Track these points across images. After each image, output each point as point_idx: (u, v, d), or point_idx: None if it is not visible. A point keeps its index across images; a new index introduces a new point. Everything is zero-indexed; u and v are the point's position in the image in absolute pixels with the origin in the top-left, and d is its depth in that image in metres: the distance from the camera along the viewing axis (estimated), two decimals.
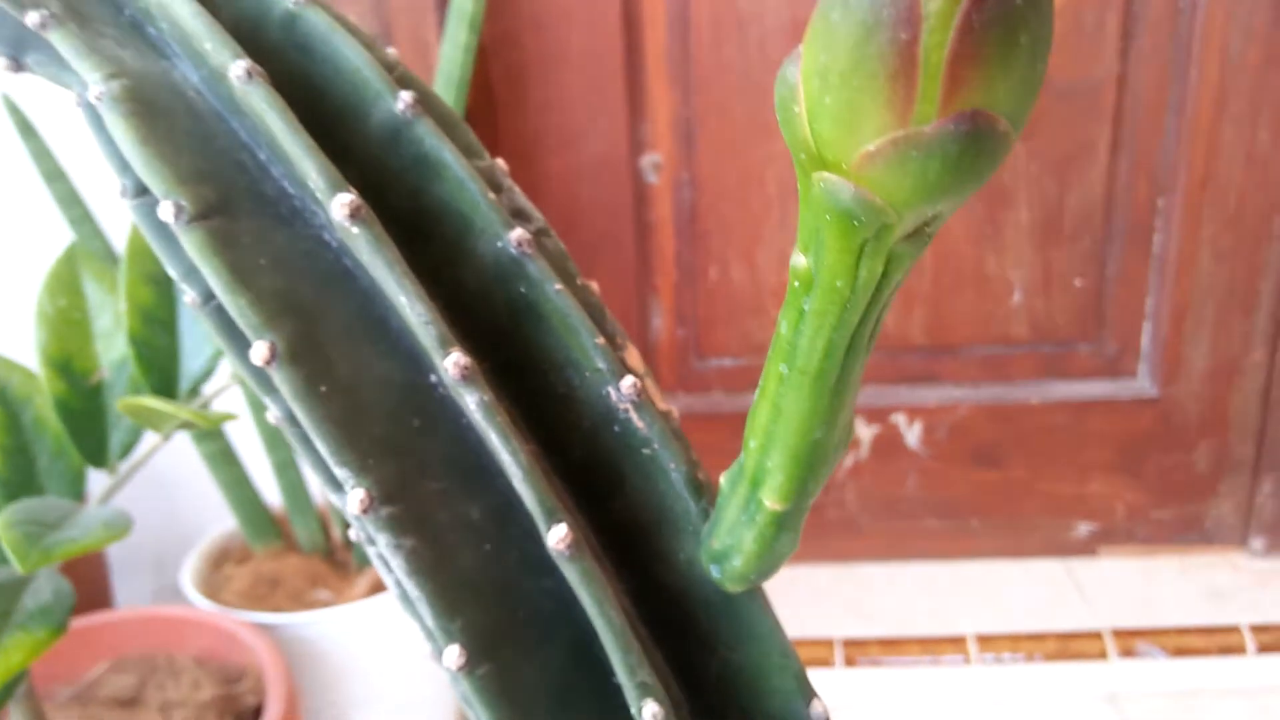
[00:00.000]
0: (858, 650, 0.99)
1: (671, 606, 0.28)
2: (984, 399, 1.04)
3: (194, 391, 0.50)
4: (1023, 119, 0.16)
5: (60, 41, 0.27)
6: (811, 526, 1.09)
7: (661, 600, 0.28)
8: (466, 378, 0.25)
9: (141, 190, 0.27)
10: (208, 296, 0.27)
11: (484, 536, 0.26)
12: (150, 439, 0.58)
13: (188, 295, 0.27)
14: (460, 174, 0.27)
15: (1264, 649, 0.96)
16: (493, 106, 0.97)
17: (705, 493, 0.27)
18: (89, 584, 0.95)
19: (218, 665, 0.78)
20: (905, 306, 1.02)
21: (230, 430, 0.85)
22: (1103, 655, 0.97)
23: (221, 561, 0.88)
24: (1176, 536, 1.07)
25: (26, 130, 0.77)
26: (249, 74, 0.26)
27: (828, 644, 1.00)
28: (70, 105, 0.28)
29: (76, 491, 0.58)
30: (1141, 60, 0.94)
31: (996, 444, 1.05)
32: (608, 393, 0.26)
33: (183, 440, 0.89)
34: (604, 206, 0.99)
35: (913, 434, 1.05)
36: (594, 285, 0.31)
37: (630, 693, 0.25)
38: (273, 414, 0.27)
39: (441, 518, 0.26)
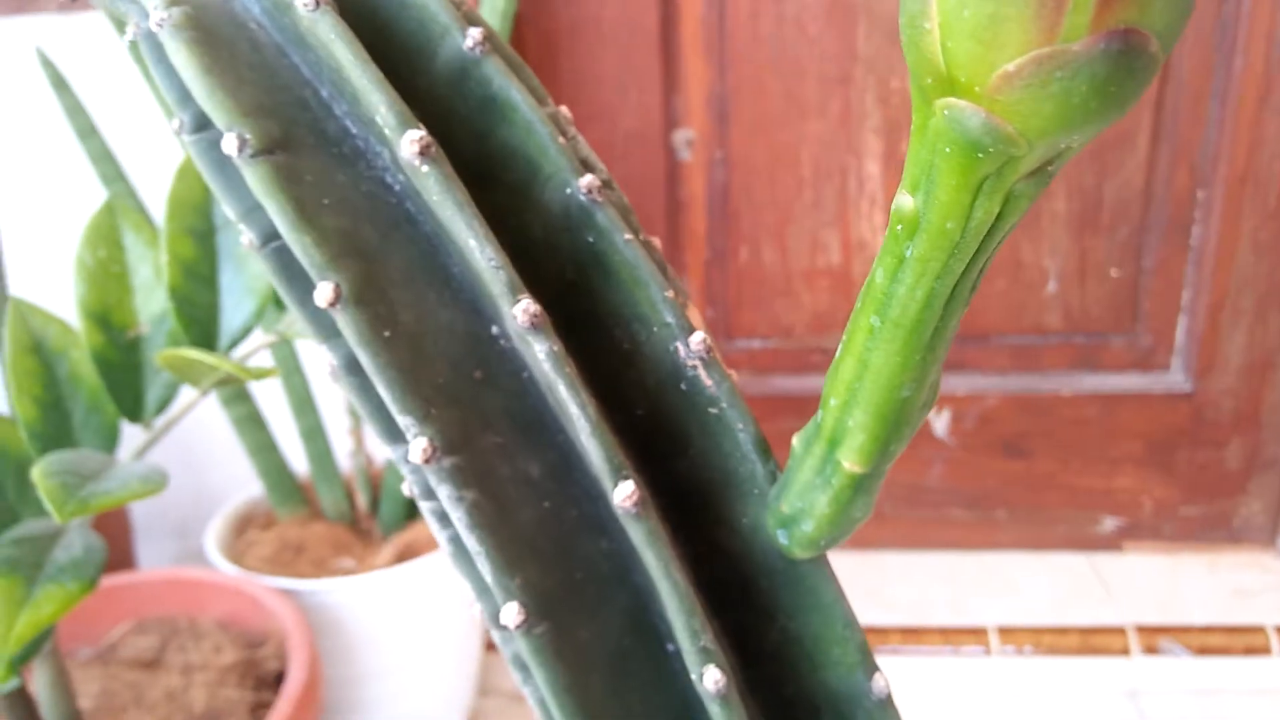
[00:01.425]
0: (878, 638, 0.98)
1: (731, 572, 0.27)
2: (1013, 389, 1.02)
3: (232, 349, 0.50)
4: (1172, 42, 0.15)
5: None
6: None
7: (721, 566, 0.27)
8: (536, 325, 0.24)
9: (202, 124, 0.26)
10: (267, 237, 0.26)
11: (544, 494, 0.26)
12: (184, 398, 0.57)
13: (245, 236, 0.26)
14: (530, 116, 0.27)
15: None
16: None
17: (772, 455, 0.26)
18: (112, 545, 0.94)
19: (240, 630, 0.77)
20: None
21: (259, 395, 0.85)
22: (1125, 651, 0.96)
23: (246, 527, 0.87)
24: (1204, 534, 1.05)
25: (60, 85, 0.77)
26: (315, 4, 0.25)
27: None
28: (107, 56, 0.27)
29: (110, 447, 0.58)
30: (1184, 47, 0.92)
31: (1025, 435, 1.04)
32: (675, 349, 0.26)
33: (210, 405, 0.89)
34: (635, 182, 0.98)
35: (940, 422, 1.04)
36: (656, 241, 0.30)
37: (691, 658, 0.24)
38: (331, 361, 0.27)
39: (503, 472, 0.25)
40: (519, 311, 0.24)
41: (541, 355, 0.24)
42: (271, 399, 0.89)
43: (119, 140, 0.79)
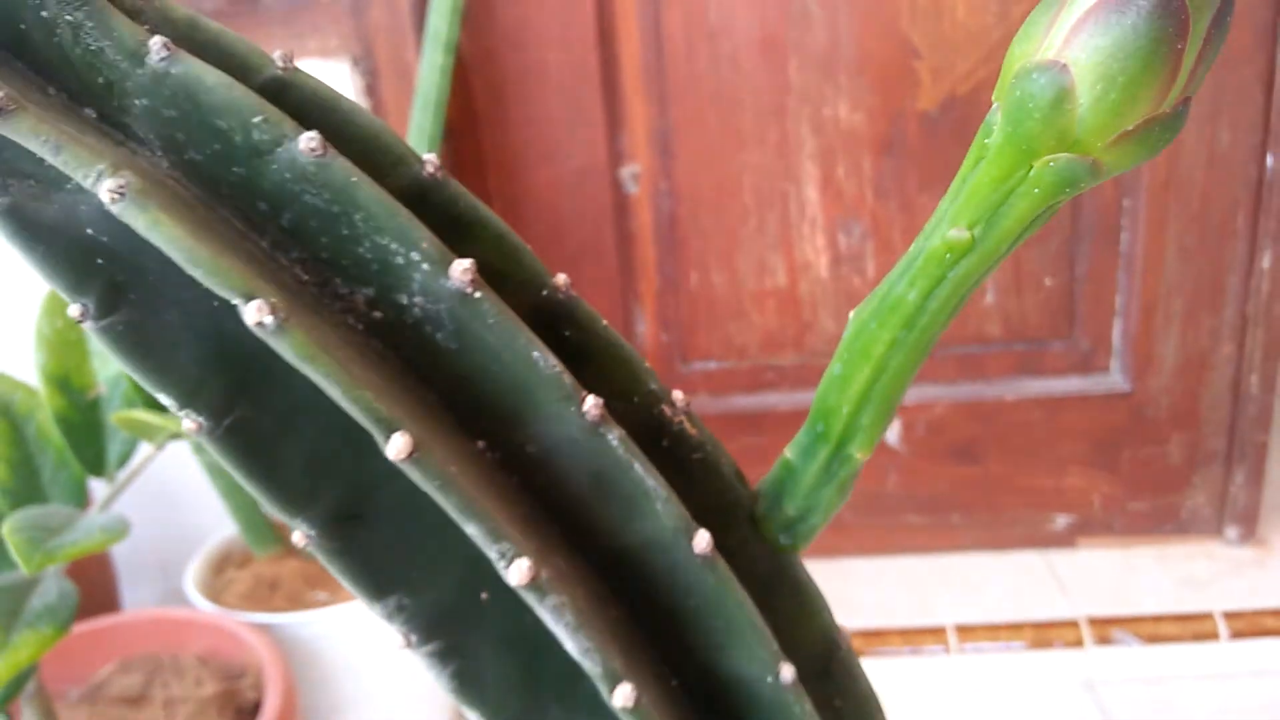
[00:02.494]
0: None
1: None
2: (961, 396, 1.07)
3: None
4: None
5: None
6: None
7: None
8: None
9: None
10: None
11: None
12: (146, 449, 0.61)
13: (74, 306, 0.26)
14: (500, 230, 0.28)
15: (1236, 635, 0.98)
16: (475, 122, 1.01)
17: (744, 479, 0.29)
18: (97, 589, 0.99)
19: (220, 663, 0.81)
20: None
21: None
22: (1079, 643, 1.00)
23: (223, 566, 0.91)
24: (1153, 527, 1.09)
25: None
26: (324, 148, 0.24)
27: None
28: None
29: (79, 500, 0.62)
30: None
31: (974, 440, 1.08)
32: (660, 411, 0.28)
33: (183, 451, 0.93)
34: (586, 217, 1.03)
35: (892, 432, 1.08)
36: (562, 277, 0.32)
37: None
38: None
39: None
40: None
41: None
42: None
43: None
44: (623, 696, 0.24)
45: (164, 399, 0.24)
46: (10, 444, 0.57)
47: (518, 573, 0.23)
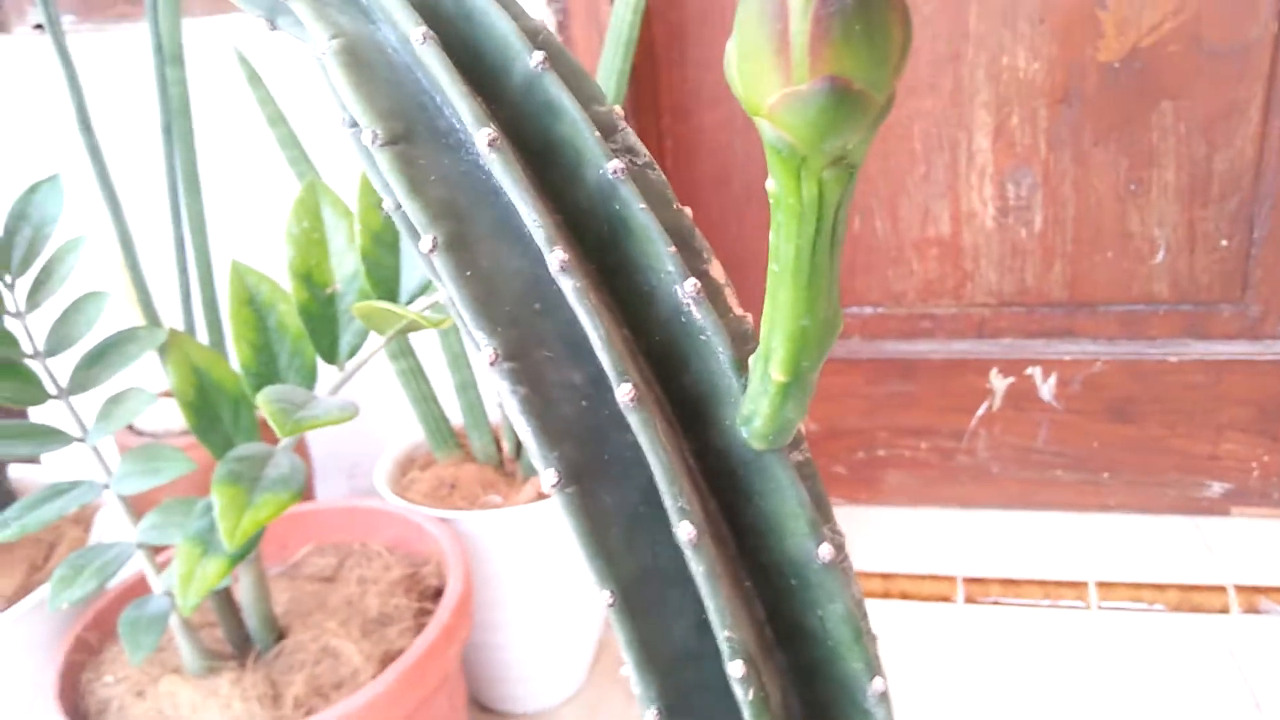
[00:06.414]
0: (979, 589, 1.04)
1: (721, 464, 0.35)
2: (1121, 355, 1.06)
3: (410, 303, 0.60)
4: (882, 81, 0.22)
5: (300, 9, 0.36)
6: (942, 471, 1.14)
7: (714, 459, 0.35)
8: (565, 269, 0.32)
9: (354, 123, 0.35)
10: (396, 204, 0.35)
11: (582, 396, 0.34)
12: (373, 343, 0.68)
13: (386, 201, 0.35)
14: (575, 116, 0.35)
15: None
16: (654, 64, 1.05)
17: (745, 372, 0.34)
18: None
19: (405, 552, 0.89)
20: (1045, 262, 1.05)
21: (420, 352, 0.96)
22: (1225, 610, 0.99)
23: (408, 467, 1.00)
24: None
25: (254, 79, 0.89)
26: (424, 38, 0.34)
27: (951, 581, 1.05)
28: (289, 58, 0.36)
29: (309, 385, 0.69)
30: None
31: (1132, 400, 1.07)
32: (675, 290, 0.33)
33: (378, 360, 1.01)
34: (756, 159, 1.06)
35: (1047, 387, 1.08)
36: (687, 210, 0.38)
37: (672, 514, 0.32)
38: (442, 294, 0.35)
39: (551, 377, 0.34)
40: (553, 258, 0.32)
41: (568, 290, 0.32)
42: (431, 356, 1.00)
43: (306, 129, 0.91)
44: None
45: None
46: (255, 330, 0.65)
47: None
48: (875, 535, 1.13)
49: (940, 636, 1.03)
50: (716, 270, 0.36)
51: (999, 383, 1.09)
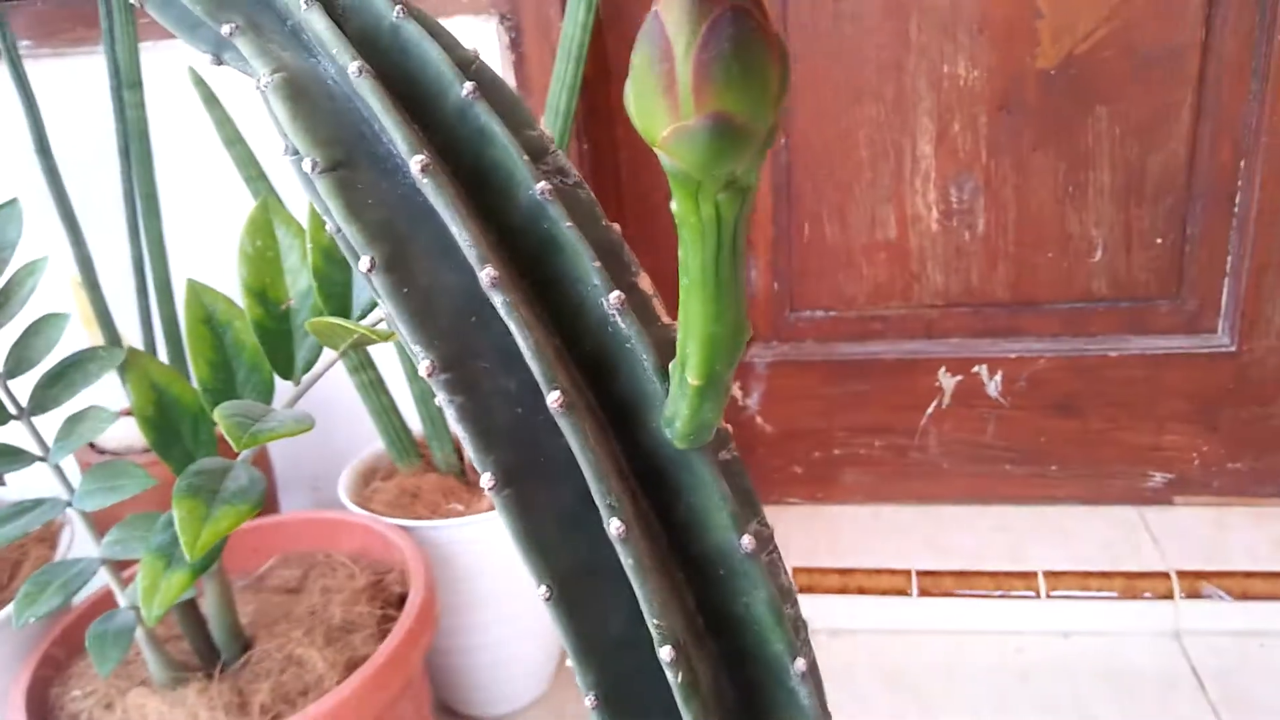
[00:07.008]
0: (932, 582, 1.07)
1: (652, 462, 0.37)
2: (1064, 352, 1.09)
3: (362, 319, 0.62)
4: (762, 114, 0.24)
5: (242, 46, 0.38)
6: (896, 468, 1.17)
7: (644, 460, 0.37)
8: (495, 284, 0.34)
9: (295, 151, 0.38)
10: (337, 226, 0.37)
11: (517, 403, 0.36)
12: (326, 359, 0.70)
13: (328, 224, 0.37)
14: (505, 141, 0.37)
15: None
16: (608, 75, 1.07)
17: (668, 378, 0.36)
18: None
19: (368, 561, 0.91)
20: (988, 263, 1.08)
21: (380, 364, 0.98)
22: (1169, 595, 1.03)
23: (370, 477, 1.01)
24: (1252, 488, 1.11)
25: (210, 100, 0.91)
26: (359, 70, 0.36)
27: (905, 574, 1.08)
28: (245, 80, 0.38)
29: (267, 399, 0.71)
30: (1225, 27, 0.97)
31: (1075, 395, 1.11)
32: (602, 302, 0.35)
33: (338, 373, 1.02)
34: None
35: (994, 384, 1.12)
36: (615, 226, 0.40)
37: (602, 511, 0.34)
38: (383, 309, 0.37)
39: (486, 386, 0.36)
40: (484, 275, 0.34)
41: (498, 304, 0.35)
42: (391, 369, 1.02)
43: (263, 148, 0.93)
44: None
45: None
46: (212, 347, 0.66)
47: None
48: (833, 533, 1.16)
49: (896, 628, 1.06)
50: (645, 282, 0.38)
51: (948, 381, 1.12)
